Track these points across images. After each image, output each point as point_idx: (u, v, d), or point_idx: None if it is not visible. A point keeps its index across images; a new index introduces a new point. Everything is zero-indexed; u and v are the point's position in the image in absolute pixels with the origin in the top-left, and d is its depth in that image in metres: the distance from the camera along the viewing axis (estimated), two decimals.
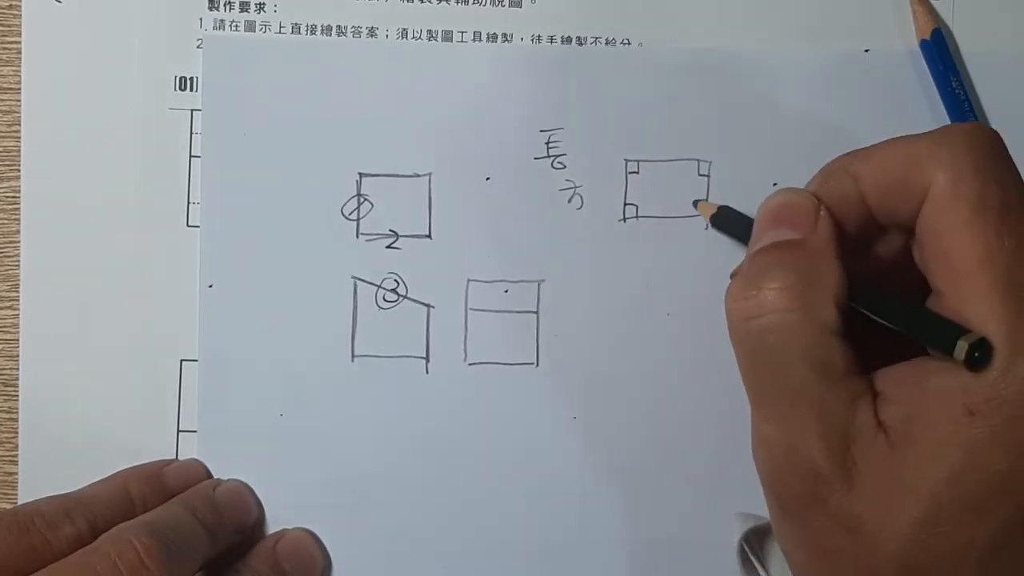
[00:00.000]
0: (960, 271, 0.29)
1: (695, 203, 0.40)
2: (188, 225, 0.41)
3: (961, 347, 0.28)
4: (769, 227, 0.33)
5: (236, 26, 0.41)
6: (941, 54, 0.41)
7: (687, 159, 0.41)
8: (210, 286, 0.40)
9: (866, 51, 0.41)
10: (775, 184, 0.41)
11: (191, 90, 0.41)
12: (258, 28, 0.41)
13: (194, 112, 0.41)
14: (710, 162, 0.41)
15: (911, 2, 0.41)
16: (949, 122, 0.41)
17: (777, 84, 0.41)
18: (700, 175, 0.41)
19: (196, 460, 0.41)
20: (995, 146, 0.31)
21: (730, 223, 0.39)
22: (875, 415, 0.30)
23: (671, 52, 0.41)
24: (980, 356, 0.28)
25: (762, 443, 0.32)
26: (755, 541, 0.40)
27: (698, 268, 0.41)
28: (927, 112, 0.41)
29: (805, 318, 0.31)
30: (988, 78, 0.41)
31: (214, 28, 0.41)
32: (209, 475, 0.41)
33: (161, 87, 0.41)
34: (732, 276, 0.34)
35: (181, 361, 0.41)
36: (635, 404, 0.41)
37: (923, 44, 0.41)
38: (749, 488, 0.35)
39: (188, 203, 0.41)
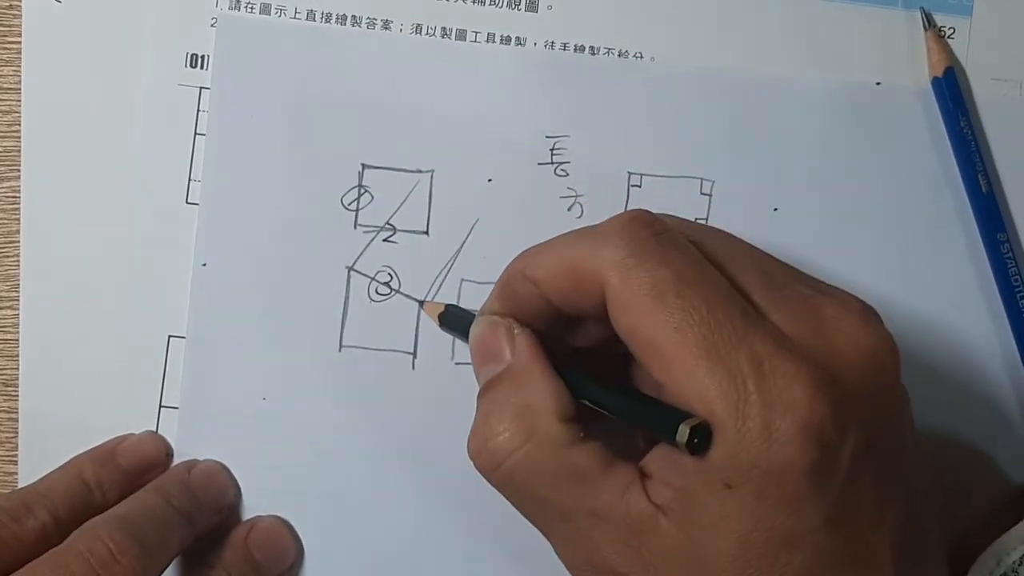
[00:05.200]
0: (665, 359, 0.29)
1: (421, 304, 0.41)
2: (187, 202, 0.41)
3: (682, 434, 0.28)
4: (477, 366, 0.34)
5: (252, 8, 0.41)
6: (952, 93, 0.41)
7: (690, 177, 0.41)
8: (204, 264, 0.40)
9: (877, 84, 0.41)
10: (776, 209, 0.41)
11: (202, 68, 0.41)
12: (274, 11, 0.41)
13: (203, 90, 0.41)
14: (713, 181, 0.41)
15: (926, 39, 0.41)
16: (955, 161, 0.41)
17: (786, 109, 0.41)
18: (702, 194, 0.41)
19: (151, 433, 0.41)
20: (653, 227, 0.31)
21: (456, 321, 0.38)
22: (648, 499, 0.29)
23: (683, 69, 0.41)
24: (700, 441, 0.28)
25: (566, 565, 0.32)
26: None
27: None
28: (932, 149, 0.41)
29: (538, 447, 0.30)
30: (998, 119, 0.41)
31: (230, 8, 0.41)
32: (168, 448, 0.41)
33: (172, 62, 0.41)
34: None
35: (169, 337, 0.41)
36: None
37: (935, 82, 0.41)
38: None
39: (189, 180, 0.41)
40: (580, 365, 0.33)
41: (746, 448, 0.28)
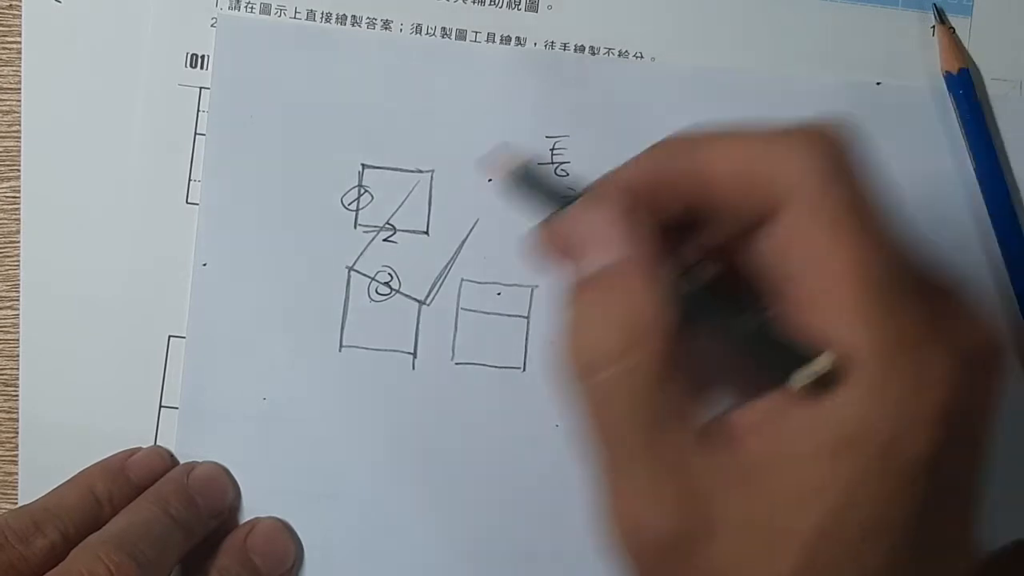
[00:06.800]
0: (828, 282, 0.26)
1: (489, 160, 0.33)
2: (187, 202, 0.41)
3: (806, 374, 0.26)
4: (580, 253, 0.29)
5: (252, 8, 0.41)
6: (966, 90, 0.40)
7: None
8: (204, 264, 0.41)
9: (878, 84, 0.41)
10: None
11: (202, 68, 0.41)
12: (274, 11, 0.41)
13: (203, 90, 0.41)
14: None
15: (938, 34, 0.41)
16: (969, 160, 0.40)
17: (787, 109, 0.40)
18: None
19: (160, 448, 0.41)
20: (850, 149, 0.28)
21: (534, 184, 0.31)
22: (729, 458, 0.27)
23: (683, 69, 0.40)
24: (826, 380, 0.26)
25: (616, 501, 0.28)
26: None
27: None
28: (937, 148, 0.41)
29: (647, 362, 0.27)
30: (998, 119, 0.41)
31: (230, 8, 0.41)
32: (174, 461, 0.40)
33: (172, 63, 0.41)
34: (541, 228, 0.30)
35: (169, 337, 0.41)
36: None
37: (948, 78, 0.40)
38: None
39: (189, 180, 0.41)
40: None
41: (881, 404, 0.25)
